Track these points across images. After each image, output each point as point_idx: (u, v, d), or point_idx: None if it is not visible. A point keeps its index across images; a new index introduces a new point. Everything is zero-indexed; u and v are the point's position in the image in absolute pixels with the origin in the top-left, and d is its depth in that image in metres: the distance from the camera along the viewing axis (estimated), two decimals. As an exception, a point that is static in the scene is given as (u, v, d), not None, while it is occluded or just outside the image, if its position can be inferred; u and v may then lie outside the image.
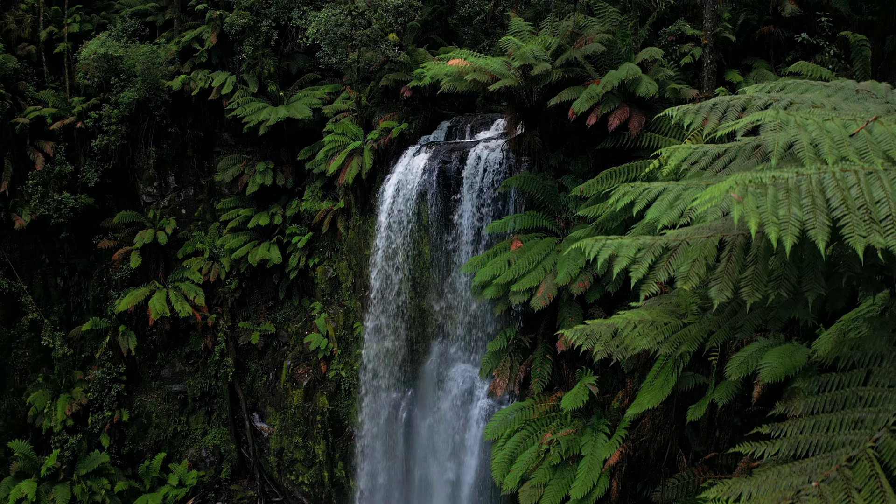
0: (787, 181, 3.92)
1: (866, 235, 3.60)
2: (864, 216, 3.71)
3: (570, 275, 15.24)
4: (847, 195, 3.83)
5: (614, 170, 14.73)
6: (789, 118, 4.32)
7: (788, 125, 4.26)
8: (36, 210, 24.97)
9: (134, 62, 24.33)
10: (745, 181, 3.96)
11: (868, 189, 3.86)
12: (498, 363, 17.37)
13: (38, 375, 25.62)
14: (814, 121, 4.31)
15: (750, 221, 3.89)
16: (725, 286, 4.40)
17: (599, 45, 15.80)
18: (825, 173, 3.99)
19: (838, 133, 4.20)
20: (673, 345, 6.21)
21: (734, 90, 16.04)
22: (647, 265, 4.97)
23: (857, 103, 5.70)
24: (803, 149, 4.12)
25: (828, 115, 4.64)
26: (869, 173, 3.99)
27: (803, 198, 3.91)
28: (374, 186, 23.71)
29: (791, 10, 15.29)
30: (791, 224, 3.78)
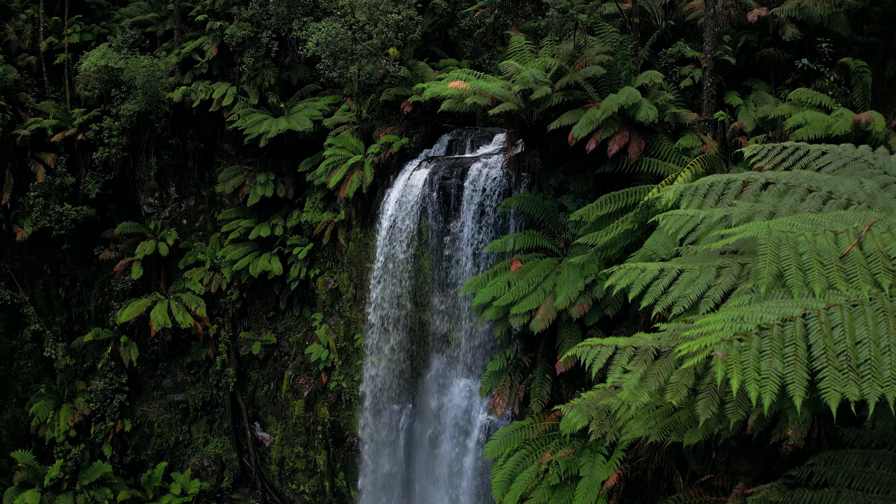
0: (772, 330, 4.01)
1: (842, 389, 3.69)
2: (844, 363, 3.80)
3: (569, 298, 15.34)
4: (829, 341, 3.91)
5: (613, 195, 14.78)
6: (781, 238, 4.38)
7: (780, 244, 4.34)
8: (37, 222, 25.06)
9: (135, 74, 24.35)
10: (731, 333, 4.03)
11: (851, 328, 3.94)
12: (498, 382, 17.49)
13: (41, 386, 25.78)
14: (805, 238, 4.38)
15: (733, 380, 3.97)
16: (711, 402, 4.49)
17: (599, 68, 15.82)
18: (810, 317, 4.08)
19: (828, 254, 4.27)
20: (664, 432, 6.32)
21: (734, 113, 16.09)
22: (639, 374, 5.06)
23: (856, 182, 5.74)
24: (792, 275, 4.21)
25: (821, 221, 4.71)
26: (854, 305, 4.07)
27: (786, 346, 4.00)
28: (374, 199, 23.78)
29: (792, 34, 15.30)
30: (771, 380, 3.87)
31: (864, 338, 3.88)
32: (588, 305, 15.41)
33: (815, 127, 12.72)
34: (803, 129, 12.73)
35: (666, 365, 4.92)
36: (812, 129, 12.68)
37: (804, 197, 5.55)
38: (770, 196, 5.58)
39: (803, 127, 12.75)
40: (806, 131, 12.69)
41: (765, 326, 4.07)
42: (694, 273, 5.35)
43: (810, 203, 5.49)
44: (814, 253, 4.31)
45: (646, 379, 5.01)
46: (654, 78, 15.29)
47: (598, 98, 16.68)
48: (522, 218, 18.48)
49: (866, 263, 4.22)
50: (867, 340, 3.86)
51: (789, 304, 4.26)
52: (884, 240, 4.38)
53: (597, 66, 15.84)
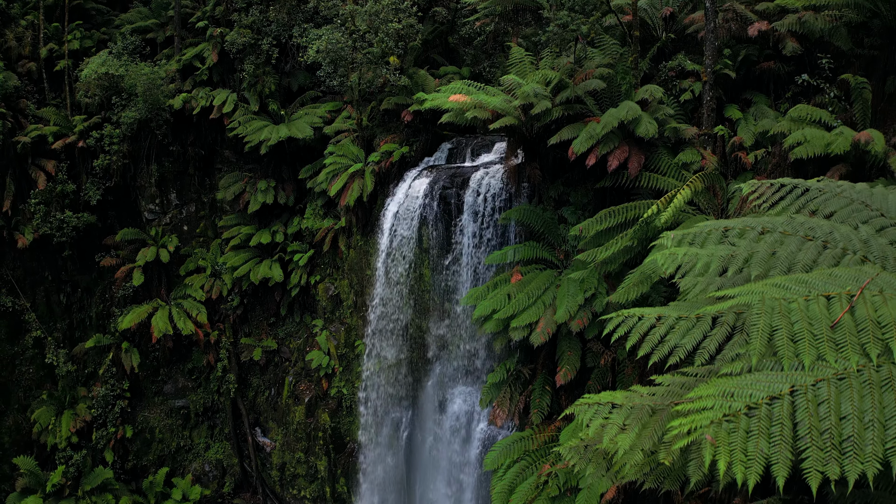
0: (760, 409, 4.09)
1: (823, 468, 3.77)
2: (827, 441, 3.88)
3: (569, 312, 15.41)
4: (814, 420, 4.00)
5: (613, 209, 14.85)
6: (774, 306, 4.45)
7: (774, 313, 4.41)
8: (38, 229, 25.11)
9: (135, 82, 24.36)
10: (720, 414, 4.10)
11: (837, 404, 4.02)
12: (498, 394, 17.58)
13: (43, 392, 25.88)
14: (797, 306, 4.44)
15: (720, 462, 4.05)
16: (702, 463, 4.55)
17: (599, 82, 15.86)
18: (798, 394, 4.16)
19: (819, 322, 4.34)
20: (657, 479, 6.40)
21: (734, 127, 16.13)
22: (634, 433, 5.13)
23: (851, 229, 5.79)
24: (784, 346, 4.28)
25: (816, 283, 4.77)
26: (841, 378, 4.15)
27: (773, 425, 4.08)
28: (375, 207, 23.83)
29: (792, 49, 15.33)
30: (756, 461, 3.94)
31: (849, 413, 3.96)
32: (588, 319, 15.49)
33: (815, 145, 12.77)
34: (802, 147, 12.77)
35: (660, 424, 5.00)
36: (811, 147, 12.73)
37: (801, 247, 5.61)
38: (767, 244, 5.63)
39: (802, 145, 12.79)
40: (805, 149, 12.74)
41: (753, 406, 4.15)
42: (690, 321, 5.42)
43: (806, 254, 5.56)
44: (805, 322, 4.38)
45: (641, 437, 5.09)
46: (654, 92, 15.33)
47: (598, 111, 16.73)
48: (522, 229, 18.54)
49: (856, 332, 4.30)
50: (851, 416, 3.95)
51: (779, 378, 4.34)
52: (875, 304, 4.45)
53: (597, 80, 15.87)
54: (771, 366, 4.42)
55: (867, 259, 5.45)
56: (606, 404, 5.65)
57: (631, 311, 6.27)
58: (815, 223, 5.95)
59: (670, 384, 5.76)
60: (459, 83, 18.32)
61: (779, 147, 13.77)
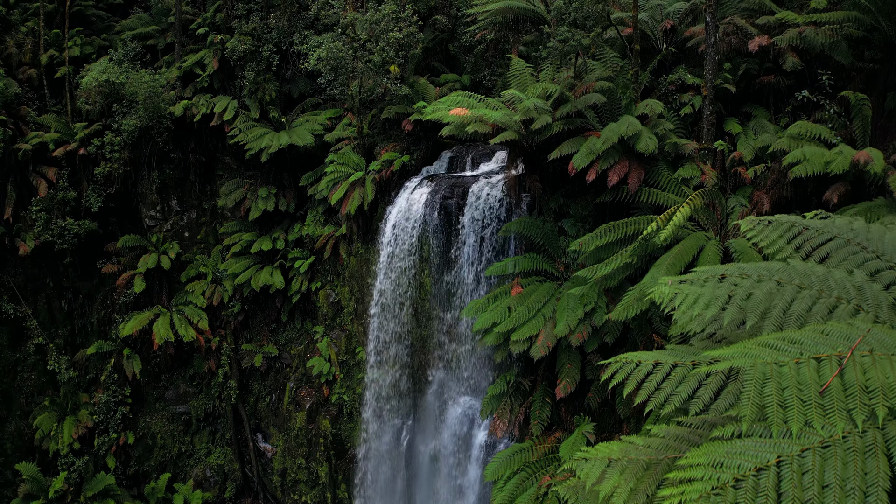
0: (748, 481, 4.17)
1: None
2: None
3: (568, 326, 15.49)
4: (797, 491, 4.09)
5: (613, 225, 14.90)
6: (765, 371, 4.52)
7: (765, 379, 4.48)
8: (40, 236, 25.17)
9: (136, 89, 24.38)
10: (709, 487, 4.18)
11: (821, 473, 4.11)
12: (498, 405, 17.68)
13: (45, 398, 25.99)
14: (788, 370, 4.51)
15: None
16: None
17: (600, 96, 15.90)
18: (784, 464, 4.25)
19: (808, 388, 4.42)
20: None
21: (733, 141, 16.17)
22: (628, 489, 5.20)
23: (846, 274, 5.85)
24: (773, 412, 4.36)
25: (807, 343, 4.83)
26: (826, 446, 4.23)
27: (759, 496, 4.17)
28: (375, 215, 23.88)
29: (792, 64, 15.35)
30: None
31: (832, 482, 4.05)
32: (587, 333, 15.56)
33: (814, 163, 12.82)
34: (801, 165, 12.82)
35: (653, 479, 5.07)
36: (810, 166, 12.78)
37: (796, 295, 5.68)
38: (764, 292, 5.70)
39: (802, 163, 12.84)
40: (804, 168, 12.79)
41: (741, 478, 4.24)
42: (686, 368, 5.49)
43: (801, 304, 5.63)
44: (795, 388, 4.46)
45: (634, 494, 5.17)
46: (654, 107, 15.36)
47: (598, 125, 16.77)
48: (523, 240, 18.60)
49: (844, 397, 4.38)
50: (833, 485, 4.04)
51: (767, 446, 4.43)
52: (864, 366, 4.52)
53: (597, 95, 15.91)
54: (761, 431, 4.51)
55: (861, 308, 5.53)
56: (603, 458, 5.71)
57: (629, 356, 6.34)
58: (811, 269, 6.01)
59: (665, 436, 5.84)
60: (460, 95, 18.35)
61: (778, 163, 13.82)
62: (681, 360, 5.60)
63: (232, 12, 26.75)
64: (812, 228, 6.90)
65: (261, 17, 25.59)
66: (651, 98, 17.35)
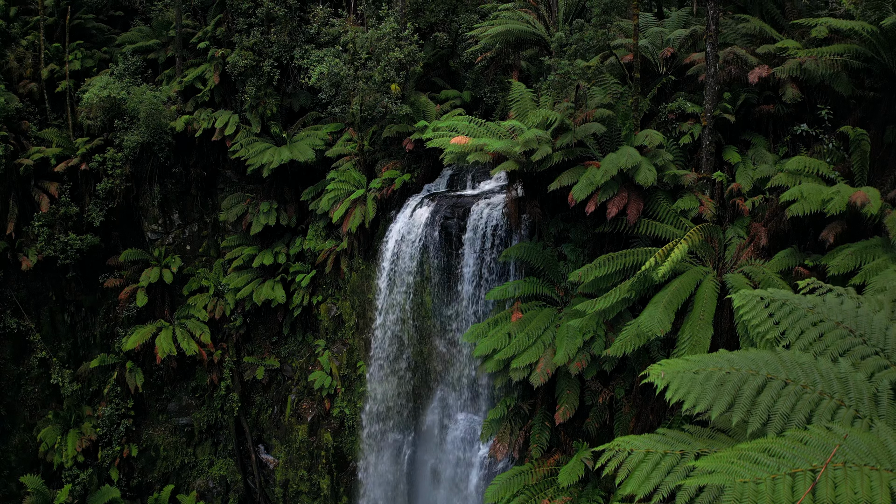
0: None
1: None
2: None
3: (568, 354, 15.66)
4: None
5: (611, 256, 15.03)
6: (744, 490, 4.67)
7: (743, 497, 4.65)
8: (42, 251, 25.30)
9: (137, 106, 24.43)
10: None
11: None
12: (498, 429, 17.90)
13: (48, 411, 26.21)
14: (765, 487, 4.65)
15: None
16: None
17: (600, 126, 15.99)
18: None
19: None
20: None
21: (732, 171, 16.28)
22: None
23: (830, 364, 6.01)
24: None
25: (785, 453, 4.98)
26: None
27: None
28: (377, 232, 24.01)
29: (792, 96, 15.43)
30: None
31: None
32: (586, 361, 15.74)
33: (811, 201, 12.95)
34: (798, 203, 12.95)
35: None
36: (808, 204, 12.90)
37: (780, 393, 5.85)
38: (751, 388, 5.88)
39: (799, 202, 12.97)
40: (801, 206, 12.92)
41: None
42: (675, 457, 5.66)
43: (785, 402, 5.79)
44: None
45: None
46: (653, 140, 15.46)
47: (598, 153, 16.88)
48: (523, 264, 18.74)
49: None
50: None
51: None
52: (836, 481, 4.69)
53: (597, 125, 16.00)
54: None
55: (843, 404, 5.70)
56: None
57: (621, 442, 6.49)
58: (798, 360, 6.17)
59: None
60: (461, 119, 18.44)
61: (776, 197, 13.95)
62: (670, 449, 5.77)
63: (233, 26, 26.75)
64: (802, 308, 7.06)
65: (261, 31, 25.58)
66: (651, 125, 17.46)
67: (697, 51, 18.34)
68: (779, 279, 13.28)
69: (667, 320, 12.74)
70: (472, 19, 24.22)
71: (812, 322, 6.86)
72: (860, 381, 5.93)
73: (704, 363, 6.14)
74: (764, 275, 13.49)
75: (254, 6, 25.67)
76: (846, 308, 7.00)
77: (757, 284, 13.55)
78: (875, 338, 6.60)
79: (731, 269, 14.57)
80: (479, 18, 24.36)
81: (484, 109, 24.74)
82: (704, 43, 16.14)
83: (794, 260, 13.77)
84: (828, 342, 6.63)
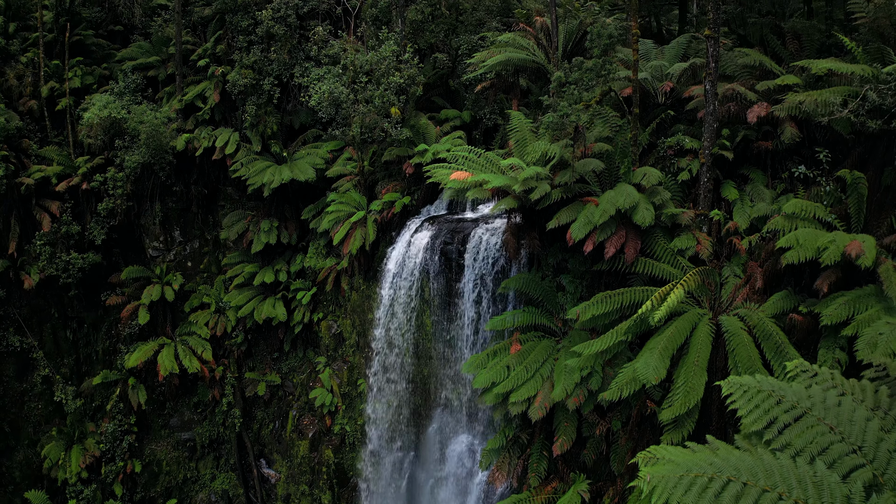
0: None
1: None
2: None
3: (565, 390, 15.87)
4: None
5: (609, 294, 15.19)
6: None
7: None
8: (44, 270, 25.45)
9: (138, 125, 24.48)
10: None
11: None
12: (497, 458, 18.15)
13: (52, 428, 26.49)
14: None
15: None
16: None
17: (599, 163, 16.11)
18: None
19: None
20: None
21: (729, 208, 16.40)
22: None
23: (808, 465, 6.18)
24: None
25: None
26: None
27: None
28: (377, 253, 24.15)
29: (791, 136, 15.50)
30: None
31: None
32: (584, 397, 15.95)
33: (807, 248, 13.08)
34: (794, 251, 13.09)
35: None
36: (803, 251, 13.04)
37: (758, 500, 6.04)
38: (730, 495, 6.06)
39: (794, 249, 13.11)
40: (796, 253, 13.06)
41: None
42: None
43: None
44: None
45: None
46: (651, 179, 15.56)
47: (597, 187, 16.99)
48: (522, 294, 18.90)
49: None
50: None
51: None
52: None
53: (596, 161, 16.11)
54: None
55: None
56: None
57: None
58: (775, 464, 6.35)
59: None
60: (461, 149, 18.55)
61: (771, 246, 14.08)
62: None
63: (233, 43, 26.73)
64: (787, 402, 7.24)
65: (261, 49, 25.56)
66: (650, 158, 17.56)
67: (697, 81, 18.39)
68: (772, 324, 13.45)
69: (662, 367, 12.94)
70: (471, 40, 24.21)
71: (795, 417, 7.06)
72: (834, 485, 6.12)
73: (689, 466, 6.32)
74: (758, 319, 13.66)
75: (253, 24, 25.65)
76: (829, 402, 7.19)
77: (751, 328, 13.73)
78: (854, 435, 6.79)
79: (727, 310, 14.73)
80: (479, 39, 24.35)
81: (484, 129, 24.80)
82: (703, 80, 16.19)
83: (790, 302, 13.93)
84: (808, 439, 6.83)
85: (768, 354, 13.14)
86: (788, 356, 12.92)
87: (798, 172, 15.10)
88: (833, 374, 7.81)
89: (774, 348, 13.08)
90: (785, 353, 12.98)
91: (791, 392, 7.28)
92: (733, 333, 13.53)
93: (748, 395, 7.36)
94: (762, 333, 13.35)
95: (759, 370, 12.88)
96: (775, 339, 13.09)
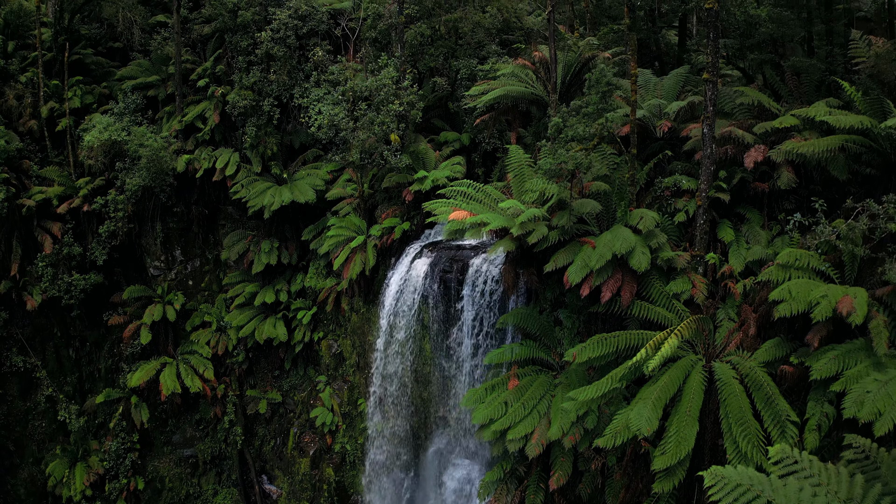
0: None
1: None
2: None
3: (562, 429, 16.16)
4: None
5: (605, 337, 15.41)
6: None
7: None
8: (46, 291, 25.65)
9: (138, 148, 24.56)
10: None
11: None
12: (495, 489, 18.48)
13: (56, 446, 26.84)
14: None
15: None
16: None
17: (596, 205, 16.26)
18: None
19: None
20: None
21: (725, 250, 16.57)
22: None
23: None
24: None
25: None
26: None
27: None
28: (377, 277, 24.37)
29: (787, 181, 15.64)
30: None
31: None
32: (580, 435, 16.25)
33: (799, 301, 13.27)
34: (786, 304, 13.29)
35: None
36: (795, 305, 13.24)
37: None
38: None
39: (787, 302, 13.31)
40: (789, 307, 13.25)
41: None
42: None
43: None
44: None
45: None
46: (647, 224, 15.70)
47: (595, 226, 17.16)
48: (519, 329, 19.12)
49: None
50: None
51: None
52: None
53: (593, 202, 16.27)
54: None
55: None
56: None
57: None
58: None
59: None
60: (460, 184, 18.70)
61: (765, 296, 14.27)
62: None
63: (233, 63, 26.74)
64: (763, 497, 7.51)
65: (261, 69, 25.59)
66: (647, 197, 17.71)
67: (695, 117, 18.50)
68: (763, 374, 13.69)
69: (654, 418, 13.21)
70: (471, 64, 24.23)
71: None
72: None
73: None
74: (749, 368, 13.91)
75: (253, 45, 25.66)
76: (804, 498, 7.45)
77: (743, 377, 13.98)
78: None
79: (720, 355, 14.97)
80: (479, 63, 24.36)
81: (483, 152, 24.89)
82: (701, 123, 16.30)
83: (781, 350, 14.15)
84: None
85: (759, 405, 13.40)
86: (778, 407, 13.18)
87: (794, 221, 15.24)
88: (812, 460, 8.06)
89: (765, 399, 13.33)
90: (775, 404, 13.24)
91: (768, 486, 7.55)
92: (725, 382, 13.78)
93: (728, 488, 7.64)
94: (753, 383, 13.60)
95: (748, 421, 13.15)
96: (766, 389, 13.34)
